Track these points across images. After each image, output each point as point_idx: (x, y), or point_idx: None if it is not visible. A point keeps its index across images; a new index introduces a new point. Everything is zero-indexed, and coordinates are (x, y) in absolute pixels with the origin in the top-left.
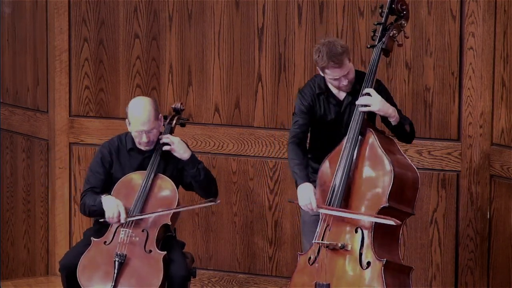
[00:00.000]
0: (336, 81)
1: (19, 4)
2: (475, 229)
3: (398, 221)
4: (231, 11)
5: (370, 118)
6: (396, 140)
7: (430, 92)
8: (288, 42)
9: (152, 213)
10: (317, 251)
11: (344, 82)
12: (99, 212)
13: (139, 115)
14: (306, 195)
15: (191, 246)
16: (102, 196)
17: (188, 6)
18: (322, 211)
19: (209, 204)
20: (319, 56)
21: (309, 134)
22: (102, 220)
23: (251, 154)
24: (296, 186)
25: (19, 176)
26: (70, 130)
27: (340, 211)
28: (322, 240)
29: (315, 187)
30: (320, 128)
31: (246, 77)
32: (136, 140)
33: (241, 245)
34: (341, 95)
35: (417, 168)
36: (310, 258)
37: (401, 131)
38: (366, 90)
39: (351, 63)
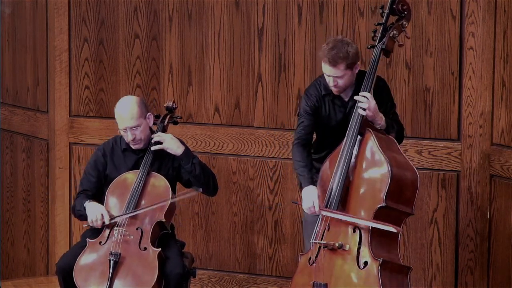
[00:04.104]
0: (328, 78)
1: (19, 4)
2: (475, 229)
3: (399, 228)
4: (231, 11)
5: None
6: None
7: (430, 92)
8: (288, 42)
9: (127, 213)
10: (317, 251)
11: (333, 83)
12: (86, 217)
13: (121, 112)
14: (310, 198)
15: (191, 246)
16: (86, 202)
17: (188, 6)
18: (324, 213)
19: (192, 194)
20: (323, 47)
21: (314, 136)
22: (86, 226)
23: (251, 154)
24: (301, 189)
25: (19, 176)
26: (70, 130)
27: (342, 214)
28: (320, 240)
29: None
30: (325, 130)
31: (246, 77)
32: (125, 139)
33: (241, 245)
34: (347, 97)
35: (417, 168)
36: (310, 258)
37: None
38: (364, 94)
39: (353, 71)
